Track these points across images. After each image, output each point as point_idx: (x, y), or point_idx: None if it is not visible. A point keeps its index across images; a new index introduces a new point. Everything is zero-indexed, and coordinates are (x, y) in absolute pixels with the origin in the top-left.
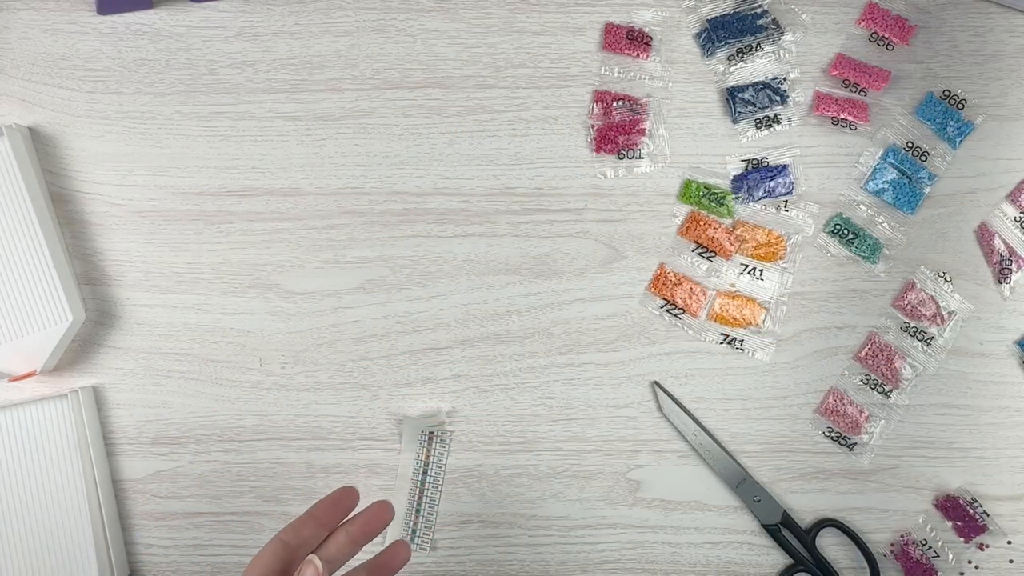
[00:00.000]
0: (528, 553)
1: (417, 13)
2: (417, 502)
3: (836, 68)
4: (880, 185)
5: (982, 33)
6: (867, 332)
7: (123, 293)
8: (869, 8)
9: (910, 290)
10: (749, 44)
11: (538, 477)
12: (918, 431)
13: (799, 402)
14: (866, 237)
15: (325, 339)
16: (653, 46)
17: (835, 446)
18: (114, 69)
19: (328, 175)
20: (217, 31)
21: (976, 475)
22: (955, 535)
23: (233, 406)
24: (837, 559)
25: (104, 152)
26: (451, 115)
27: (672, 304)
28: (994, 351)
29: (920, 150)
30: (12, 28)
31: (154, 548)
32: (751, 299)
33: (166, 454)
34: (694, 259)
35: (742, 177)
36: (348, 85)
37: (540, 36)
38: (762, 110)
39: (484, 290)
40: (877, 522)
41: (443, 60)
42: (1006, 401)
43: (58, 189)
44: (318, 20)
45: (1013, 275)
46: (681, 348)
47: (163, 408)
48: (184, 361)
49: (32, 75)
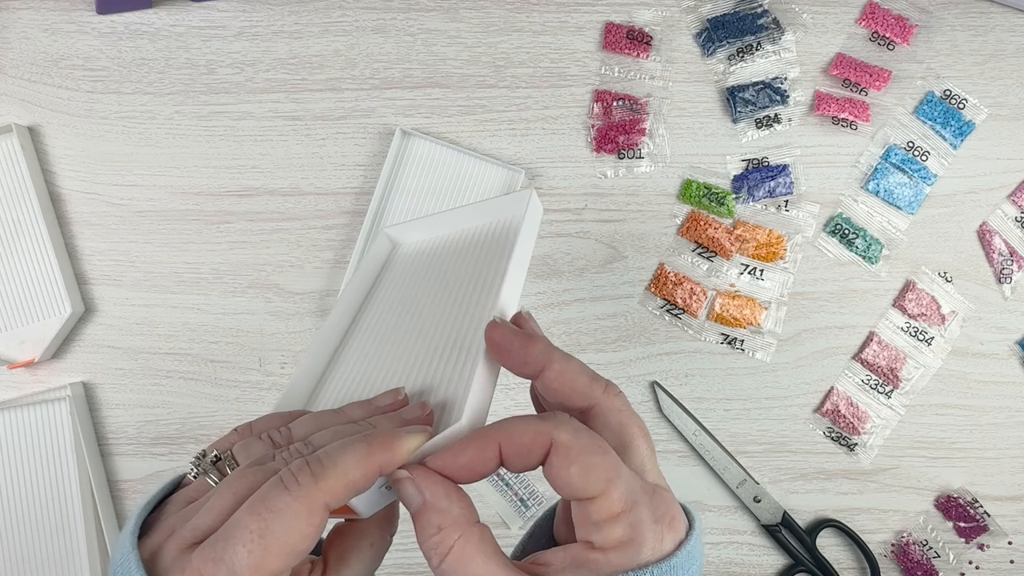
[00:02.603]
0: None
1: (417, 13)
2: (502, 481)
3: (836, 68)
4: (880, 185)
5: (982, 33)
6: (867, 332)
7: (123, 293)
8: (869, 8)
9: (910, 290)
10: (749, 44)
11: (538, 477)
12: (918, 431)
13: (799, 402)
14: (866, 237)
15: None
16: (653, 46)
17: (835, 446)
18: (114, 69)
19: (328, 175)
20: (217, 31)
21: (976, 475)
22: (955, 535)
23: (233, 406)
24: (837, 559)
25: (104, 152)
26: (451, 115)
27: (672, 304)
28: (995, 351)
29: (920, 150)
30: (12, 28)
31: None
32: (751, 299)
33: (166, 454)
34: (694, 259)
35: (742, 177)
36: (348, 85)
37: (540, 36)
38: (762, 110)
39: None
40: (877, 522)
41: (443, 60)
42: (1006, 401)
43: (58, 189)
44: (318, 20)
45: (1014, 275)
46: (681, 348)
47: (163, 408)
48: (184, 361)
49: (32, 75)
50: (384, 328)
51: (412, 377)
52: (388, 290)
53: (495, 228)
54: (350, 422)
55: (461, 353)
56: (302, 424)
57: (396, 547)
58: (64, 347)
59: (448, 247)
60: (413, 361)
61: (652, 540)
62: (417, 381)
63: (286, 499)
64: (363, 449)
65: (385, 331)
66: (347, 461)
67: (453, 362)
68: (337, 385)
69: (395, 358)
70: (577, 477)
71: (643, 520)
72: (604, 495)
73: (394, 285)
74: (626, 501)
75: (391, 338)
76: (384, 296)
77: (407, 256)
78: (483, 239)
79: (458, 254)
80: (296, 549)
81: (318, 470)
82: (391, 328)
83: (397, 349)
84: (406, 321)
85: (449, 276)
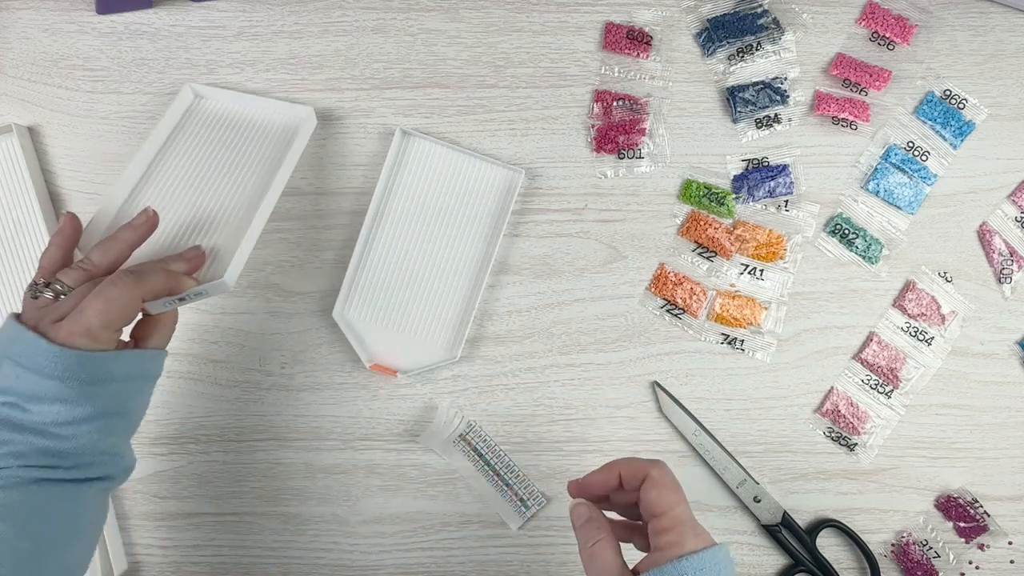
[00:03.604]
0: (528, 553)
1: (417, 13)
2: (501, 481)
3: (836, 68)
4: (880, 185)
5: (982, 33)
6: (867, 332)
7: None
8: (869, 8)
9: (910, 290)
10: (749, 44)
11: (538, 478)
12: (918, 431)
13: (799, 402)
14: (866, 237)
15: (325, 339)
16: (653, 46)
17: (835, 446)
18: (114, 69)
19: (328, 175)
20: (217, 31)
21: (976, 475)
22: (955, 535)
23: (233, 406)
24: (837, 559)
25: (104, 152)
26: (451, 115)
27: (672, 304)
28: (995, 351)
29: (921, 150)
30: (12, 28)
31: (153, 548)
32: (751, 299)
33: (166, 454)
34: (694, 259)
35: (742, 177)
36: (348, 85)
37: (540, 36)
38: (762, 110)
39: (484, 290)
40: (877, 522)
41: (443, 60)
42: (1006, 401)
43: (58, 189)
44: (318, 20)
45: (1014, 275)
46: (681, 348)
47: (163, 408)
48: (184, 361)
49: (32, 75)
50: (182, 172)
51: (196, 220)
52: (188, 137)
53: (278, 128)
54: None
55: (234, 219)
56: (97, 252)
57: (396, 547)
58: None
59: (241, 123)
60: (200, 208)
61: (691, 544)
62: (198, 224)
63: (119, 290)
64: (163, 276)
65: (183, 175)
66: (156, 279)
67: (227, 223)
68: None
69: (186, 203)
70: (656, 498)
71: (687, 533)
72: (669, 512)
73: (194, 133)
74: (680, 519)
75: (187, 183)
76: (185, 140)
77: (207, 112)
78: (269, 132)
79: (248, 133)
80: (125, 317)
81: (140, 279)
82: (188, 173)
83: (189, 194)
84: (200, 172)
85: (240, 149)
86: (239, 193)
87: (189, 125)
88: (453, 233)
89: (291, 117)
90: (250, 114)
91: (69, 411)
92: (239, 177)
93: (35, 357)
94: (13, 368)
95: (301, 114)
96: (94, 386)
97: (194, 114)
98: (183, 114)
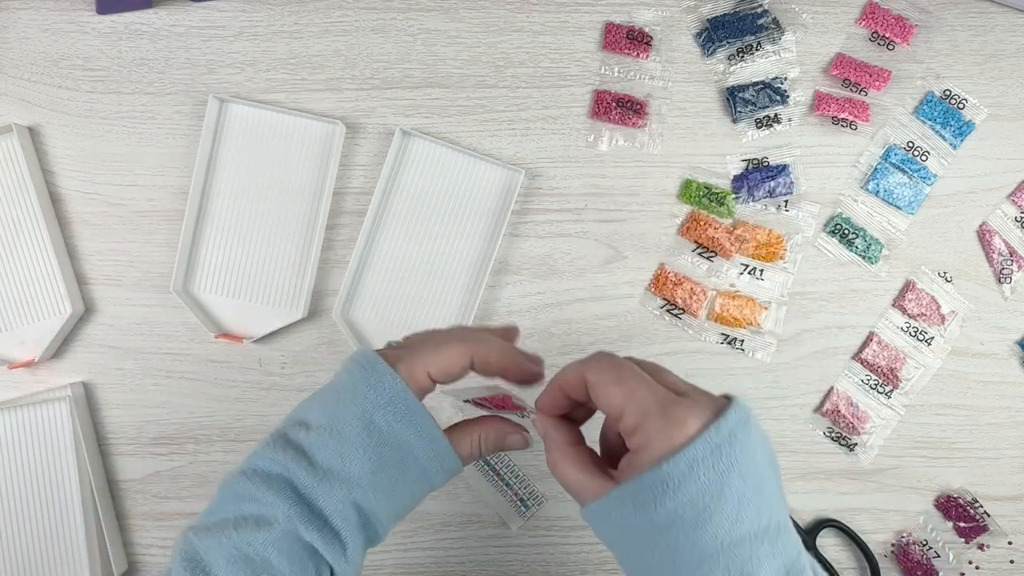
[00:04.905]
0: (528, 553)
1: (417, 13)
2: (501, 480)
3: (836, 68)
4: (880, 185)
5: (982, 33)
6: (867, 332)
7: (123, 293)
8: (869, 8)
9: (910, 290)
10: (749, 44)
11: (538, 478)
12: (918, 431)
13: (799, 402)
14: (866, 237)
15: (325, 339)
16: (653, 46)
17: (835, 446)
18: (114, 69)
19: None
20: (217, 31)
21: (976, 475)
22: (955, 535)
23: (233, 406)
24: (837, 559)
25: (104, 152)
26: (451, 115)
27: (672, 304)
28: (994, 351)
29: (920, 150)
30: (12, 28)
31: (153, 548)
32: (751, 299)
33: (166, 454)
34: (694, 259)
35: (742, 177)
36: (348, 85)
37: (540, 36)
38: (762, 110)
39: (484, 290)
40: (877, 522)
41: (443, 60)
42: (1006, 401)
43: (58, 189)
44: (318, 20)
45: (1014, 275)
46: (681, 348)
47: (163, 408)
48: (184, 361)
49: (32, 75)
50: (236, 208)
51: (267, 259)
52: (229, 154)
53: (314, 146)
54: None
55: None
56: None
57: (396, 547)
58: (64, 347)
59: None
60: (267, 245)
61: (661, 443)
62: (269, 262)
63: (450, 346)
64: (500, 347)
65: (237, 211)
66: (492, 346)
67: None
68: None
69: (253, 241)
70: (604, 401)
71: (654, 428)
72: (626, 409)
73: (235, 149)
74: (642, 412)
75: (245, 220)
76: (227, 163)
77: (238, 124)
78: (306, 153)
79: (284, 158)
80: (451, 372)
81: (471, 342)
82: (242, 210)
83: (251, 229)
84: (253, 202)
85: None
86: (299, 224)
87: (224, 143)
88: (453, 233)
89: (325, 131)
90: (281, 128)
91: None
92: (293, 211)
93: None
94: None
95: (332, 135)
96: None
97: (226, 131)
98: (214, 131)
